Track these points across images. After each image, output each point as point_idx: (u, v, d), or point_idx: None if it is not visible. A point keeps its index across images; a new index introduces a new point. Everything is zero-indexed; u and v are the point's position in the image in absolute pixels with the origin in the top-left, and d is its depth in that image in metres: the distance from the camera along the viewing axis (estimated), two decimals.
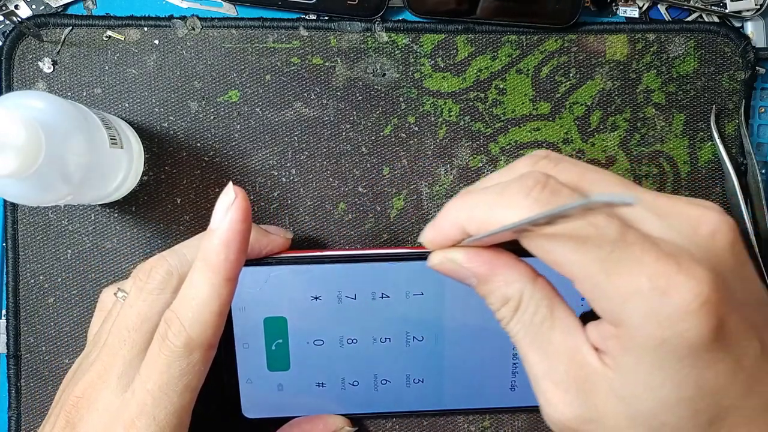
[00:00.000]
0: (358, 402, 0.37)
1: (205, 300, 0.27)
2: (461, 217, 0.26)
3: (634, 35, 0.38)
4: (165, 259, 0.30)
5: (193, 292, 0.27)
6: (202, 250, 0.28)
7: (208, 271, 0.27)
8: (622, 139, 0.38)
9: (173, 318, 0.27)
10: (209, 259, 0.27)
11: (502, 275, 0.26)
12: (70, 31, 0.37)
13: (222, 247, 0.27)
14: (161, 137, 0.38)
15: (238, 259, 0.28)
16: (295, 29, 0.38)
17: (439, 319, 0.35)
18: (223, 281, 0.27)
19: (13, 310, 0.38)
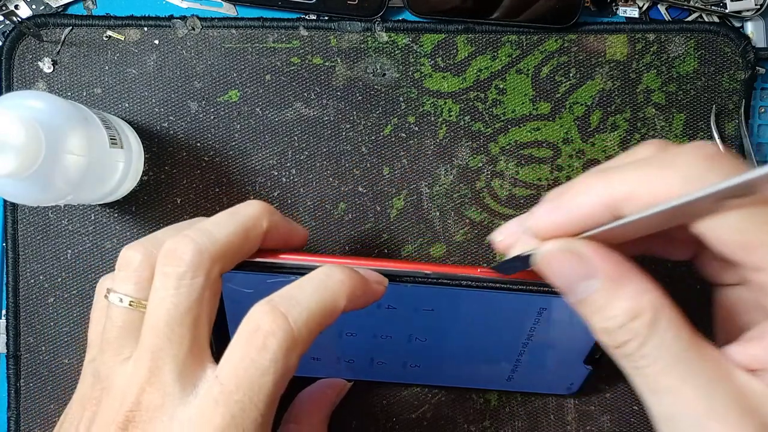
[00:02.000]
0: (352, 372, 0.37)
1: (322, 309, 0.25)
2: (612, 194, 0.21)
3: (634, 35, 0.38)
4: (189, 237, 0.26)
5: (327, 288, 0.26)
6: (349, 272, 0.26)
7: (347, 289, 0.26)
8: (622, 139, 0.38)
9: (279, 315, 0.24)
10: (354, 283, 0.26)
11: (634, 281, 0.22)
12: (70, 31, 0.37)
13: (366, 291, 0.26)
14: (161, 137, 0.38)
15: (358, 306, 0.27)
16: (295, 29, 0.38)
17: (446, 329, 0.34)
18: (343, 307, 0.26)
19: (13, 310, 0.38)
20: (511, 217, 0.38)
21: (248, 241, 0.28)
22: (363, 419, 0.39)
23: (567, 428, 0.39)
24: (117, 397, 0.25)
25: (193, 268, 0.26)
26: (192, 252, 0.26)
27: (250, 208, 0.28)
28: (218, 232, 0.27)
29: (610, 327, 0.22)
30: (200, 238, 0.26)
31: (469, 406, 0.39)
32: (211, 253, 0.26)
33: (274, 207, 0.29)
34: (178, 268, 0.26)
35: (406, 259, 0.38)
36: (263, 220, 0.28)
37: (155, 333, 0.25)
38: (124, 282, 0.27)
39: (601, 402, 0.39)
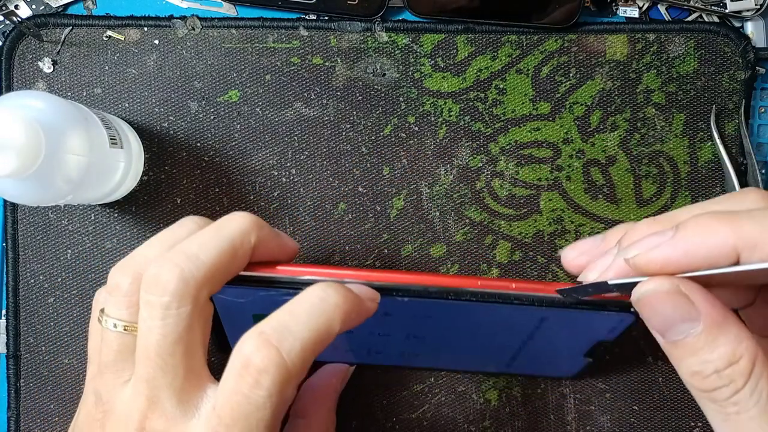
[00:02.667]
0: (351, 356, 0.37)
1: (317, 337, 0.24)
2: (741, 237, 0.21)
3: (634, 35, 0.38)
4: (173, 263, 0.25)
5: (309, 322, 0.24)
6: (343, 291, 0.25)
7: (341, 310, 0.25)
8: (622, 139, 0.38)
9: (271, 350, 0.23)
10: (348, 303, 0.25)
11: (734, 328, 0.21)
12: (70, 31, 0.37)
13: (361, 311, 0.26)
14: (161, 137, 0.38)
15: (352, 326, 0.26)
16: (295, 29, 0.38)
17: (444, 333, 0.34)
18: (338, 330, 0.25)
19: (13, 310, 0.38)
20: (511, 217, 0.38)
21: (236, 260, 0.27)
22: (363, 419, 0.39)
23: (567, 428, 0.39)
24: (121, 422, 0.25)
25: (179, 298, 0.25)
26: (176, 281, 0.25)
27: (236, 223, 0.27)
28: (204, 254, 0.26)
29: (704, 371, 0.22)
30: (185, 264, 0.25)
31: (469, 406, 0.39)
32: (197, 279, 0.25)
33: (262, 219, 0.28)
34: (162, 297, 0.25)
35: (403, 268, 0.38)
36: (251, 235, 0.27)
37: (148, 363, 0.25)
38: (115, 307, 0.27)
39: (601, 402, 0.39)
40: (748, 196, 0.24)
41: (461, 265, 0.38)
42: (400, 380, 0.39)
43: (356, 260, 0.38)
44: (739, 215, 0.22)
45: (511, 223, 0.38)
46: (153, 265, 0.25)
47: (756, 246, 0.21)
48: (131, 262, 0.27)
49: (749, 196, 0.24)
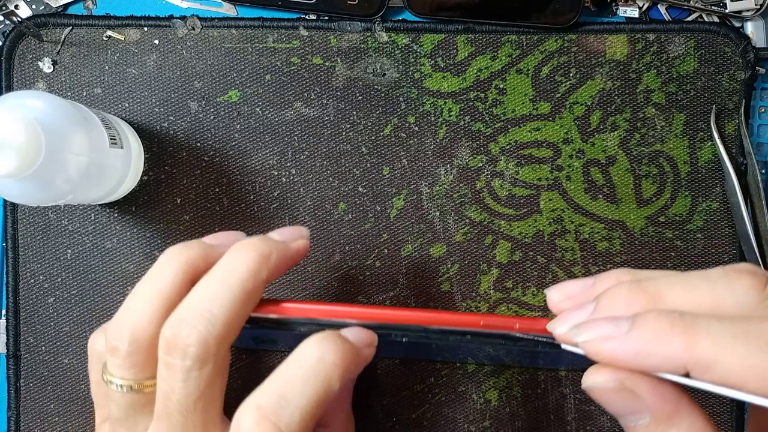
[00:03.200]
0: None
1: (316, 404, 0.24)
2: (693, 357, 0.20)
3: (634, 35, 0.38)
4: (190, 325, 0.25)
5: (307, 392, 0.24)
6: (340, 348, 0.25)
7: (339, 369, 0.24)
8: (622, 139, 0.38)
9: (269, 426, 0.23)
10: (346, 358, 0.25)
11: (685, 419, 0.21)
12: (70, 31, 0.37)
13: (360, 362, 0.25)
14: (161, 137, 0.38)
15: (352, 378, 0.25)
16: (295, 29, 0.38)
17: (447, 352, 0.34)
18: (338, 389, 0.25)
19: (13, 310, 0.38)
20: (511, 217, 0.38)
21: (250, 304, 0.26)
22: (363, 419, 0.39)
23: (567, 428, 0.39)
24: None
25: (200, 361, 0.25)
26: (196, 345, 0.25)
27: (244, 263, 0.26)
28: (218, 308, 0.25)
29: None
30: (202, 325, 0.25)
31: (469, 406, 0.39)
32: (216, 338, 0.25)
33: (270, 241, 0.27)
34: (184, 361, 0.25)
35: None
36: (262, 272, 0.27)
37: (169, 421, 0.25)
38: (119, 368, 0.27)
39: None
40: (740, 281, 0.22)
41: (461, 265, 0.38)
42: (400, 380, 0.39)
43: (356, 260, 0.38)
44: (698, 327, 0.20)
45: (511, 223, 0.38)
46: (169, 326, 0.25)
47: (708, 369, 0.20)
48: (126, 322, 0.27)
49: (741, 282, 0.21)
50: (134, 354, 0.26)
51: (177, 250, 0.28)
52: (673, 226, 0.38)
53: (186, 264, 0.27)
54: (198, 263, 0.27)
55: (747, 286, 0.21)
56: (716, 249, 0.38)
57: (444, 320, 0.27)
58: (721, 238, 0.38)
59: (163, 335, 0.25)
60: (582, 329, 0.23)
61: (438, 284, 0.38)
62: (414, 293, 0.38)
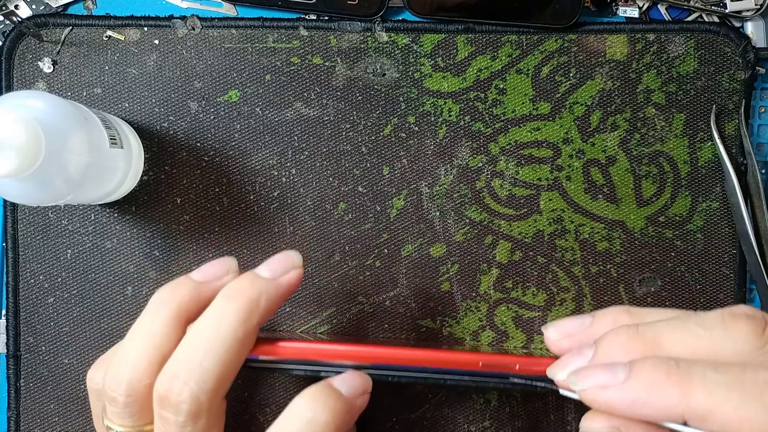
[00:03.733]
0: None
1: None
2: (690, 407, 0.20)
3: (634, 35, 0.38)
4: (182, 381, 0.25)
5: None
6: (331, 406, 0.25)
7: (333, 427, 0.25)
8: (622, 139, 0.38)
9: None
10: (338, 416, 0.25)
11: None
12: (70, 31, 0.37)
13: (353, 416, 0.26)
14: (161, 137, 0.38)
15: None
16: (295, 29, 0.38)
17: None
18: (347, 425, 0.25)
19: (13, 310, 0.38)
20: (511, 217, 0.38)
21: (243, 352, 0.26)
22: (363, 419, 0.39)
23: (567, 428, 0.39)
24: None
25: (194, 416, 0.25)
26: (189, 402, 0.25)
27: (233, 311, 0.26)
28: (210, 362, 0.25)
29: None
30: (194, 380, 0.25)
31: (469, 406, 0.39)
32: (208, 393, 0.25)
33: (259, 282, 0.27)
34: (177, 417, 0.25)
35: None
36: (253, 319, 0.26)
37: None
38: (118, 417, 0.27)
39: None
40: (737, 326, 0.22)
41: (461, 265, 0.38)
42: None
43: (356, 260, 0.38)
44: (694, 377, 0.20)
45: (511, 223, 0.38)
46: (162, 381, 0.25)
47: (705, 419, 0.20)
48: (123, 375, 0.27)
49: (738, 328, 0.21)
50: (132, 404, 0.27)
51: (167, 293, 0.28)
52: (673, 226, 0.38)
53: (177, 308, 0.27)
54: (189, 306, 0.27)
55: (745, 332, 0.21)
56: (716, 249, 0.38)
57: (442, 360, 0.27)
58: (721, 238, 0.38)
59: (156, 390, 0.26)
60: (579, 377, 0.23)
61: (438, 284, 0.38)
62: (414, 293, 0.38)
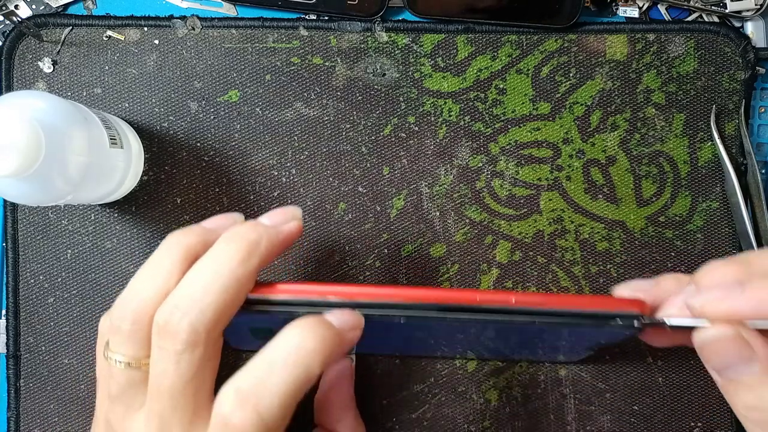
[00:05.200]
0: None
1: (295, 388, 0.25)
2: None
3: (634, 35, 0.38)
4: (181, 310, 0.26)
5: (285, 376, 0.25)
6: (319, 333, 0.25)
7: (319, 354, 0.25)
8: (622, 139, 0.38)
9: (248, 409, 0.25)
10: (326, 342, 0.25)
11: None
12: (70, 31, 0.37)
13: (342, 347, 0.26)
14: (161, 137, 0.38)
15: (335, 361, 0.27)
16: (295, 29, 0.38)
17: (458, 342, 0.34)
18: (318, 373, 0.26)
19: (13, 310, 0.38)
20: (511, 217, 0.38)
21: (242, 292, 0.27)
22: (363, 419, 0.39)
23: (567, 428, 0.39)
24: None
25: (191, 345, 0.26)
26: (187, 330, 0.25)
27: (235, 253, 0.27)
28: (209, 296, 0.26)
29: (760, 405, 0.25)
30: (193, 311, 0.26)
31: (469, 406, 0.39)
32: (206, 324, 0.26)
33: (260, 228, 0.28)
34: (175, 345, 0.26)
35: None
36: (253, 260, 0.27)
37: (161, 401, 0.26)
38: (119, 345, 0.28)
39: (601, 402, 0.39)
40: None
41: (461, 265, 0.38)
42: (400, 380, 0.39)
43: (356, 260, 0.38)
44: None
45: (511, 223, 0.38)
46: (162, 312, 0.26)
47: None
48: (129, 304, 0.28)
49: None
50: (135, 333, 0.27)
51: (177, 237, 0.29)
52: (673, 226, 0.38)
53: (186, 250, 0.28)
54: (197, 249, 0.28)
55: None
56: (716, 249, 0.38)
57: (441, 297, 0.27)
58: (721, 238, 0.38)
59: (156, 321, 0.26)
60: (696, 298, 0.26)
61: (438, 284, 0.38)
62: None
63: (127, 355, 0.27)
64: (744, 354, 0.25)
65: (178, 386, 0.26)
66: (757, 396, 0.25)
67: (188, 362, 0.26)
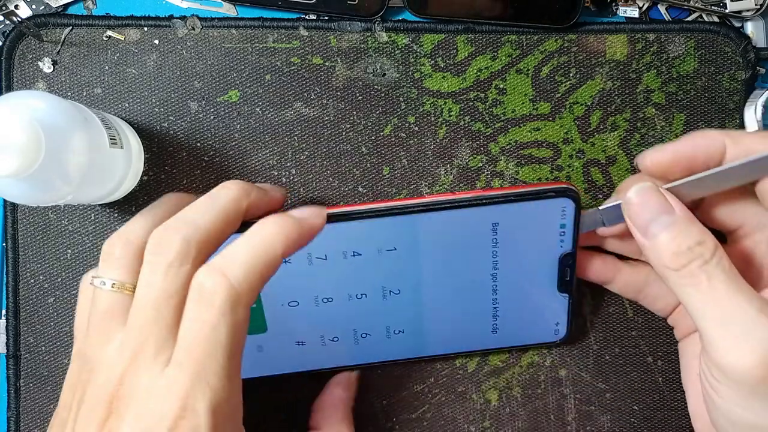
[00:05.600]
0: (339, 356, 0.37)
1: (258, 261, 0.27)
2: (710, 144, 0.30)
3: (634, 35, 0.38)
4: (174, 228, 0.28)
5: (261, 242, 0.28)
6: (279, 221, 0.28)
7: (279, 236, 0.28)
8: (622, 139, 0.38)
9: (218, 275, 0.26)
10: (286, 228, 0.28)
11: (700, 223, 0.30)
12: (70, 31, 0.37)
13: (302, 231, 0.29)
14: (161, 137, 0.38)
15: (298, 246, 0.29)
16: (295, 29, 0.38)
17: (414, 271, 0.35)
18: (281, 253, 0.28)
19: (12, 310, 0.38)
20: None
21: (230, 225, 0.30)
22: (363, 420, 0.39)
23: (567, 428, 0.39)
24: (102, 377, 0.27)
25: (181, 257, 0.27)
26: (179, 243, 0.27)
27: (227, 191, 0.30)
28: (201, 220, 0.28)
29: (680, 250, 0.29)
30: (186, 229, 0.28)
31: (469, 406, 0.39)
32: (197, 241, 0.28)
33: (250, 184, 0.31)
34: (167, 257, 0.27)
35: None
36: (242, 201, 0.30)
37: (143, 314, 0.27)
38: (108, 269, 0.29)
39: (601, 402, 0.39)
40: None
41: None
42: (400, 380, 0.39)
43: None
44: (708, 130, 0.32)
45: None
46: (156, 232, 0.28)
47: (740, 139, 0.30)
48: (120, 233, 0.30)
49: None
50: (125, 257, 0.29)
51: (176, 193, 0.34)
52: None
53: (182, 200, 0.32)
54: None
55: None
56: None
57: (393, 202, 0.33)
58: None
59: (150, 241, 0.28)
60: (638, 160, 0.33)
61: None
62: None
63: (113, 278, 0.29)
64: (663, 205, 0.30)
65: (162, 300, 0.27)
66: (677, 243, 0.29)
67: (175, 276, 0.27)
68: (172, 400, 0.25)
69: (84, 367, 0.28)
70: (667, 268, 0.30)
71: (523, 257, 0.35)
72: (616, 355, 0.39)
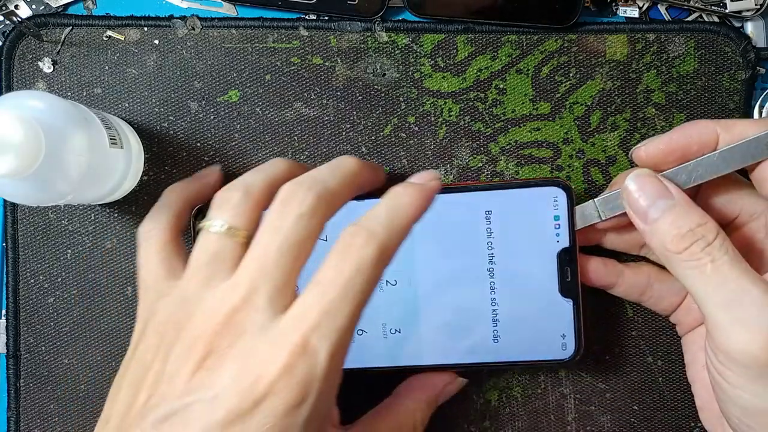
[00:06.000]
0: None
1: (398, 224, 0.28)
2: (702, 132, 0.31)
3: (634, 35, 0.38)
4: (309, 185, 0.28)
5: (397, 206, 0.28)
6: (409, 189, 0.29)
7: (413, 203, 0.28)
8: (622, 139, 0.38)
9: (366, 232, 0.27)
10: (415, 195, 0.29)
11: (699, 207, 0.30)
12: (70, 31, 0.37)
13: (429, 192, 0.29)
14: (161, 137, 0.38)
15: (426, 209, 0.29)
16: (295, 29, 0.38)
17: (411, 264, 0.35)
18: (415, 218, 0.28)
19: (12, 310, 0.38)
20: None
21: (352, 193, 0.30)
22: None
23: (567, 428, 0.39)
24: (205, 317, 0.26)
25: (312, 211, 0.27)
26: (314, 197, 0.28)
27: (350, 163, 0.31)
28: (331, 183, 0.29)
29: (681, 233, 0.29)
30: (318, 188, 0.28)
31: (469, 406, 0.39)
32: (326, 200, 0.28)
33: (364, 161, 0.32)
34: (300, 208, 0.27)
35: None
36: (362, 174, 0.31)
37: (265, 256, 0.27)
38: (223, 212, 0.29)
39: (601, 402, 0.39)
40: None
41: None
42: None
43: None
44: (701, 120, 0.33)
45: None
46: (289, 184, 0.28)
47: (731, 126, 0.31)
48: (239, 185, 0.30)
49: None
50: (243, 204, 0.29)
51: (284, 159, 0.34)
52: None
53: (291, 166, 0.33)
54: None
55: None
56: None
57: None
58: None
59: (281, 192, 0.28)
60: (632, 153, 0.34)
61: None
62: None
63: (228, 221, 0.28)
64: (661, 190, 0.30)
65: (287, 246, 0.27)
66: (677, 226, 0.29)
67: (305, 227, 0.27)
68: (294, 336, 0.25)
69: (179, 310, 0.27)
70: (670, 251, 0.30)
71: (519, 250, 0.35)
72: (616, 355, 0.39)
